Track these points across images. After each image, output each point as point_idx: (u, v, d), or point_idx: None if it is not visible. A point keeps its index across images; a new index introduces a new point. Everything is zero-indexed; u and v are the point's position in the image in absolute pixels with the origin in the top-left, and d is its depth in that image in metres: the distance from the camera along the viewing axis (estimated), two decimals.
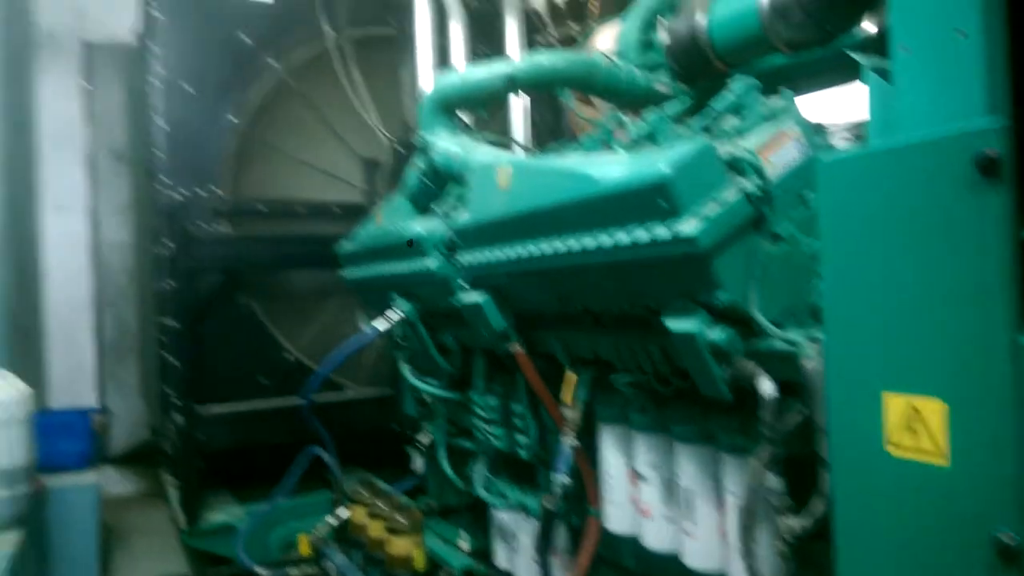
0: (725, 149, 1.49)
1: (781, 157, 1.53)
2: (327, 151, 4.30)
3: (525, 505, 2.45)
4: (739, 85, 1.78)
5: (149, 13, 3.96)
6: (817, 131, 1.67)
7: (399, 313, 2.66)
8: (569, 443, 1.98)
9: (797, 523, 1.36)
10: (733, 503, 1.59)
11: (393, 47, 4.48)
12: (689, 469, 1.71)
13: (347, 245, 3.11)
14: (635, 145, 1.91)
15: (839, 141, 1.70)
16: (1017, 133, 0.98)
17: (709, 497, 1.68)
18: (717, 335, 1.42)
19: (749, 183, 1.43)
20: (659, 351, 1.65)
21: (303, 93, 4.19)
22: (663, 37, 2.45)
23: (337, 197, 4.26)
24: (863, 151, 1.21)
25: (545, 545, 2.14)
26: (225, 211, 3.96)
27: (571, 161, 1.73)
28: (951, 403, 1.04)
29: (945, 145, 1.03)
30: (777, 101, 1.71)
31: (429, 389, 2.87)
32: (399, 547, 2.74)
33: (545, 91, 2.73)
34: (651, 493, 1.82)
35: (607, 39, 2.64)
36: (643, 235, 1.42)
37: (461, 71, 2.57)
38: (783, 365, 1.39)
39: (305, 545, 3.10)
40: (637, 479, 1.87)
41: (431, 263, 2.35)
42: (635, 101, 2.42)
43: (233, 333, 3.97)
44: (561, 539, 2.29)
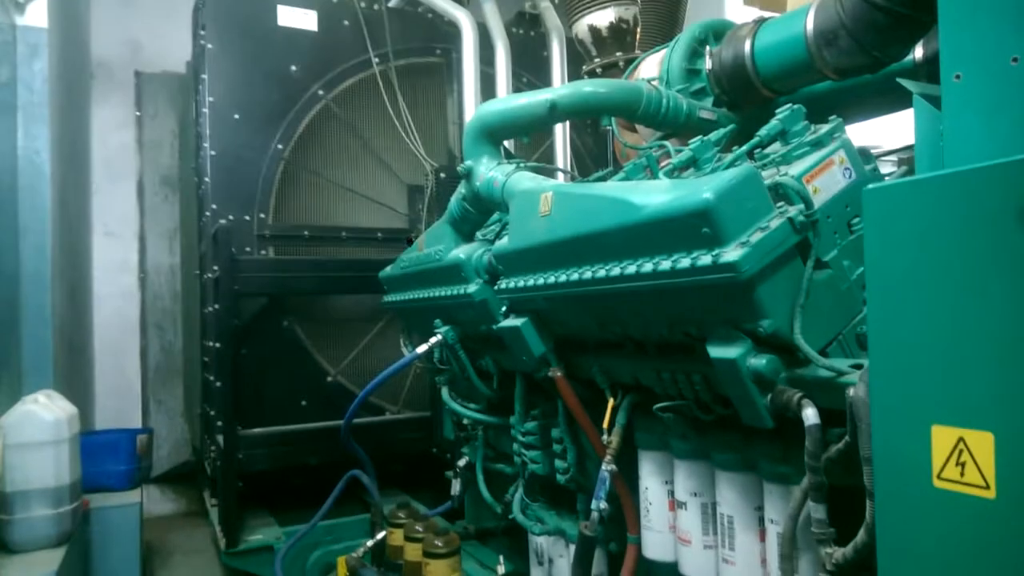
0: (769, 175, 1.49)
1: (827, 183, 1.52)
2: (371, 177, 4.36)
3: (563, 530, 2.44)
4: (785, 111, 1.77)
5: (200, 44, 4.07)
6: (864, 157, 1.66)
7: (439, 337, 2.68)
8: (608, 469, 1.97)
9: (840, 553, 1.33)
10: (774, 532, 1.57)
11: (438, 74, 4.56)
12: (729, 497, 1.69)
13: (389, 270, 3.15)
14: (678, 172, 1.91)
15: (886, 167, 1.69)
16: None
17: (749, 525, 1.66)
18: (760, 363, 1.40)
19: (793, 209, 1.42)
20: (701, 378, 1.63)
21: (348, 120, 4.27)
22: (708, 64, 2.46)
23: (380, 223, 4.31)
24: (911, 179, 1.19)
25: (583, 571, 2.12)
26: (270, 236, 4.03)
27: (613, 187, 1.73)
28: (1000, 436, 1.01)
29: (995, 174, 1.02)
30: (824, 127, 1.70)
31: (468, 413, 2.88)
32: (436, 571, 2.73)
33: (588, 118, 2.75)
34: (690, 520, 1.80)
35: (651, 66, 2.66)
36: (686, 262, 1.42)
37: (504, 98, 2.60)
38: (827, 393, 1.37)
39: (343, 567, 3.11)
40: (676, 506, 1.85)
41: (472, 288, 2.37)
42: (679, 128, 2.43)
43: (275, 356, 4.02)
44: (599, 565, 2.26)
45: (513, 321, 2.16)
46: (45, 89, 3.89)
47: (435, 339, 2.70)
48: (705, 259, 1.38)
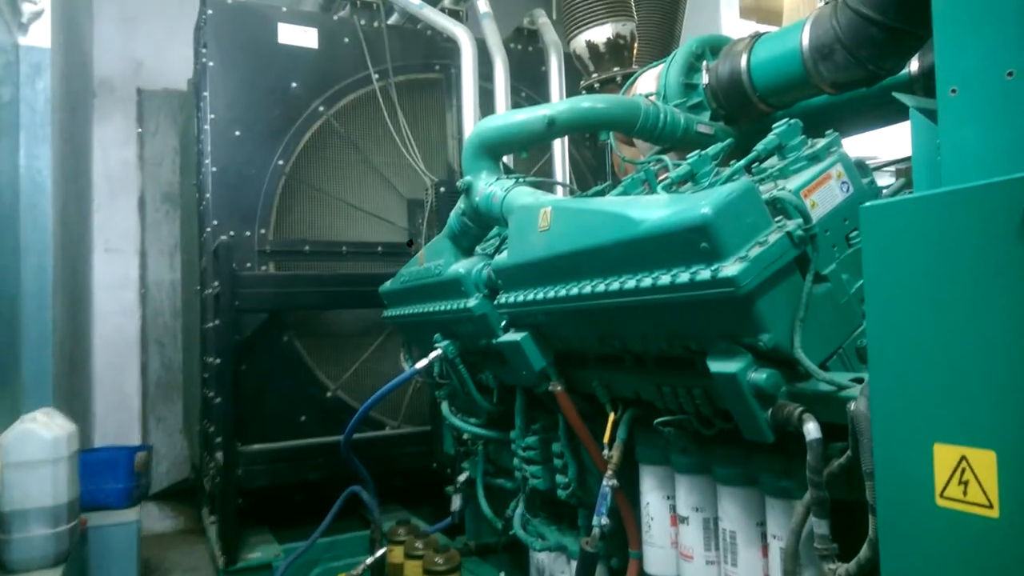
0: (767, 190, 1.49)
1: (824, 197, 1.53)
2: (371, 192, 4.38)
3: (564, 546, 2.43)
4: (782, 126, 1.78)
5: (202, 61, 4.09)
6: (861, 170, 1.67)
7: (439, 351, 2.68)
8: (609, 484, 1.97)
9: (843, 569, 1.33)
10: (776, 547, 1.56)
11: (437, 90, 4.58)
12: (731, 511, 1.68)
13: (389, 285, 3.15)
14: (676, 186, 1.92)
15: (882, 177, 1.70)
16: None
17: (752, 541, 1.65)
18: (760, 377, 1.40)
19: (792, 224, 1.43)
20: (701, 392, 1.63)
21: (348, 136, 4.28)
22: (705, 79, 2.47)
23: (380, 237, 4.32)
24: (910, 197, 1.18)
25: None
26: (271, 251, 4.04)
27: (612, 202, 1.74)
28: (1003, 454, 1.00)
29: (996, 192, 1.01)
30: (821, 141, 1.70)
31: (468, 428, 2.87)
32: None
33: (586, 133, 2.75)
34: (693, 536, 1.80)
35: (649, 81, 2.67)
36: (684, 276, 1.42)
37: (502, 113, 2.61)
38: (828, 407, 1.37)
39: None
40: (678, 521, 1.84)
41: (471, 302, 2.37)
42: (676, 142, 2.44)
43: (275, 371, 4.02)
44: None
45: (513, 335, 2.16)
46: (48, 108, 3.91)
47: (435, 353, 2.69)
48: (704, 274, 1.38)
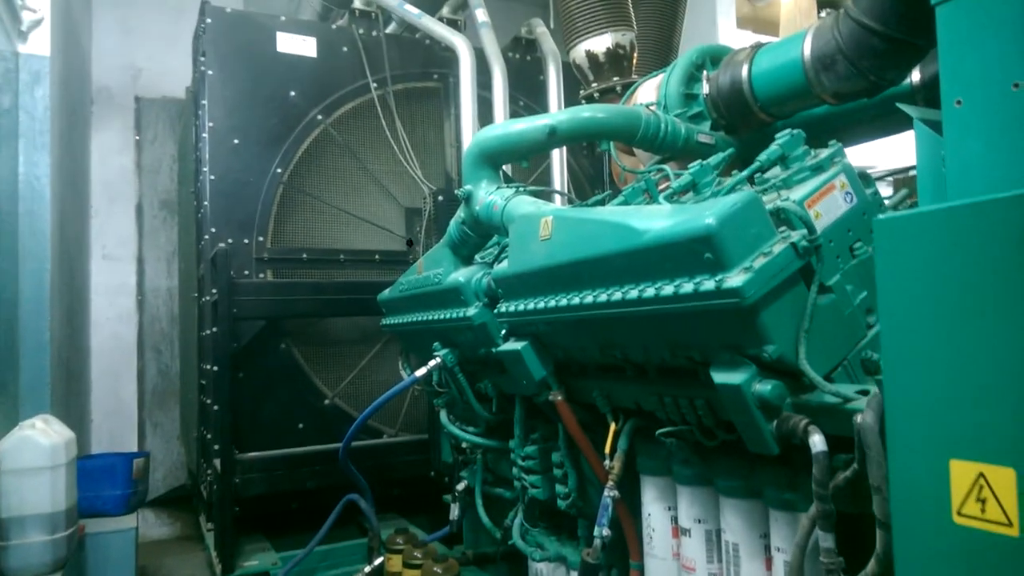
0: (771, 200, 1.49)
1: (828, 208, 1.52)
2: (369, 200, 4.37)
3: (564, 557, 2.41)
4: (785, 136, 1.78)
5: (200, 69, 4.09)
6: (864, 180, 1.66)
7: (438, 360, 2.67)
8: (610, 495, 1.96)
9: None
10: (781, 560, 1.55)
11: (435, 99, 4.59)
12: (734, 524, 1.67)
13: (388, 293, 3.14)
14: (677, 196, 1.91)
15: (881, 189, 1.69)
16: None
17: (755, 553, 1.64)
18: (765, 388, 1.39)
19: (796, 234, 1.42)
20: (703, 403, 1.62)
21: (346, 144, 4.28)
22: (705, 88, 2.47)
23: (378, 245, 4.32)
24: (924, 210, 1.15)
25: None
26: (268, 259, 4.03)
27: (614, 212, 1.73)
28: (1022, 472, 0.98)
29: (1011, 205, 0.99)
30: (824, 151, 1.70)
31: (467, 436, 2.86)
32: None
33: (586, 142, 2.75)
34: (695, 548, 1.78)
35: (649, 91, 2.67)
36: (688, 287, 1.41)
37: (502, 123, 2.60)
38: (833, 419, 1.36)
39: None
40: (680, 533, 1.83)
41: (471, 311, 2.36)
42: (677, 152, 2.44)
43: (273, 378, 4.01)
44: None
45: (513, 345, 2.15)
46: (47, 116, 3.90)
47: (434, 362, 2.68)
48: (708, 284, 1.37)
